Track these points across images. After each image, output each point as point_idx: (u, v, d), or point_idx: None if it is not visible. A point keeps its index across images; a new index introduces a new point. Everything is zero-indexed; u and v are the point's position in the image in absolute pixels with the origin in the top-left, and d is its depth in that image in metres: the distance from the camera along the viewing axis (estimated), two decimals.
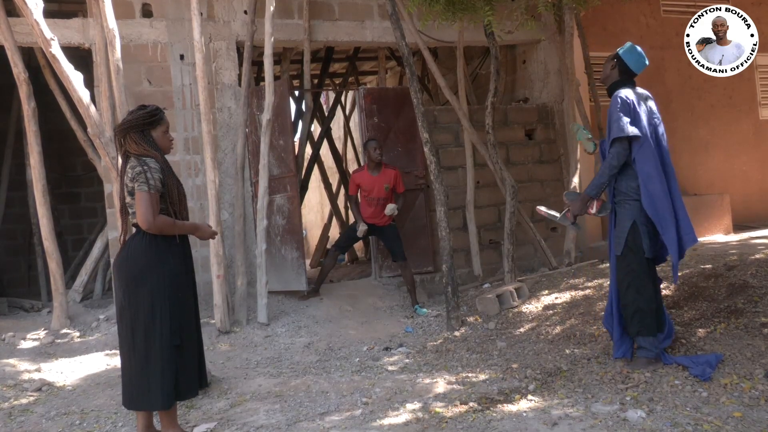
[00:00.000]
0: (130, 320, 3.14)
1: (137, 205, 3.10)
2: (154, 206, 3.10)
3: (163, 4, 6.23)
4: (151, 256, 3.14)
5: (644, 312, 3.65)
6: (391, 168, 6.25)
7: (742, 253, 5.87)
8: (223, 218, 6.13)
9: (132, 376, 3.17)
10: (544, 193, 7.65)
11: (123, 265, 3.20)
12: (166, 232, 3.17)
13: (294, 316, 5.94)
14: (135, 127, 3.22)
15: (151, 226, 3.09)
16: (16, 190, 7.95)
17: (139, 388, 3.14)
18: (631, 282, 3.67)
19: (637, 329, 3.67)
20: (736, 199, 8.56)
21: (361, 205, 6.27)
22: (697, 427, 2.84)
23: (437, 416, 3.27)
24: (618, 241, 3.71)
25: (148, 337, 3.11)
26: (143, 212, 3.08)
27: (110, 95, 5.80)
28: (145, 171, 3.11)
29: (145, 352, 3.11)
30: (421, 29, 6.41)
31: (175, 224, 3.21)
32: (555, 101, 7.77)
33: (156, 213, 3.11)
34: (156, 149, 3.24)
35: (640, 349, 3.69)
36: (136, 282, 3.13)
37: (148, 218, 3.08)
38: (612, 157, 3.67)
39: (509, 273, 6.33)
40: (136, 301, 3.13)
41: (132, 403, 3.21)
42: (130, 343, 3.15)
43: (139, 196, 3.09)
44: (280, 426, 3.36)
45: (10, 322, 5.98)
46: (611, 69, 3.84)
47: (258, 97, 6.37)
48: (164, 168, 3.21)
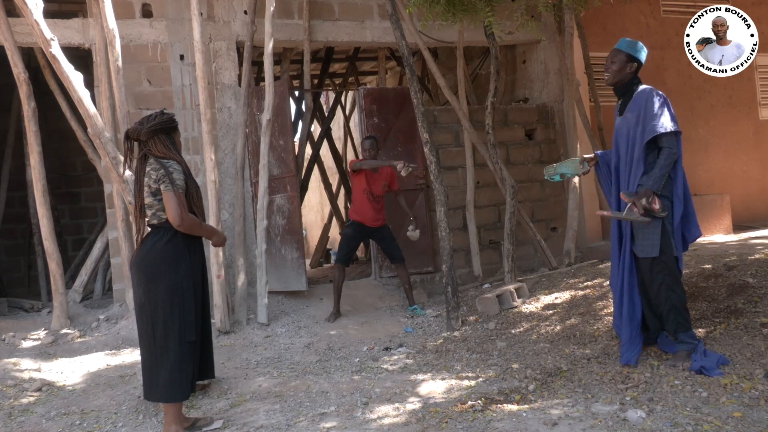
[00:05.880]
0: (149, 316, 3.29)
1: (167, 204, 3.23)
2: (183, 204, 3.26)
3: (163, 4, 6.23)
4: (170, 254, 3.29)
5: (678, 309, 3.66)
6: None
7: (742, 253, 5.87)
8: (223, 218, 6.13)
9: (151, 369, 3.32)
10: (544, 193, 7.66)
11: (142, 263, 3.33)
12: (194, 231, 3.34)
13: (294, 316, 5.94)
14: (164, 129, 3.39)
15: (182, 223, 3.24)
16: (16, 190, 7.95)
17: (159, 381, 3.28)
18: (662, 281, 3.65)
19: (675, 327, 3.68)
20: (736, 199, 8.56)
21: (356, 202, 6.09)
22: (697, 427, 2.84)
23: (437, 416, 3.27)
24: (650, 243, 3.63)
25: (167, 332, 3.26)
26: (174, 210, 3.21)
27: (110, 95, 5.81)
28: (170, 173, 3.26)
29: (164, 347, 3.27)
30: (421, 29, 6.41)
31: (201, 225, 3.40)
32: (555, 101, 7.77)
33: (186, 211, 3.26)
34: (179, 152, 3.42)
35: (681, 344, 3.70)
36: (156, 279, 3.27)
37: (180, 215, 3.22)
38: (671, 152, 3.58)
39: (509, 273, 6.33)
40: (155, 297, 3.27)
41: (152, 396, 3.35)
42: (150, 338, 3.30)
43: (168, 195, 3.22)
44: (280, 426, 3.36)
45: (10, 322, 5.98)
46: (630, 71, 3.77)
47: (258, 97, 6.37)
48: (186, 171, 3.38)
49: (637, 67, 3.79)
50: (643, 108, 3.68)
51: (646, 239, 3.65)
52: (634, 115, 3.71)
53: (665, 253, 3.64)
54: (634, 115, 3.72)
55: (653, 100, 3.67)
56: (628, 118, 3.76)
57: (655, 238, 3.63)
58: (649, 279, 3.70)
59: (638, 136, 3.68)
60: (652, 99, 3.67)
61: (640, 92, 3.75)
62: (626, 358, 3.73)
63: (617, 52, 3.79)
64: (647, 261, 3.67)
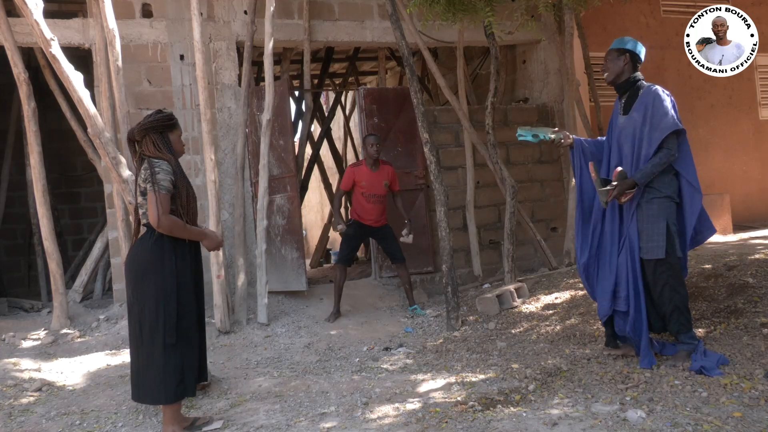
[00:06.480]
0: (137, 316, 3.28)
1: (148, 204, 3.22)
2: (164, 206, 3.20)
3: (163, 4, 6.23)
4: (155, 255, 3.25)
5: (682, 310, 3.65)
6: (388, 164, 6.23)
7: (742, 253, 5.87)
8: (223, 218, 6.13)
9: (138, 369, 3.31)
10: (544, 193, 7.66)
11: (130, 263, 3.33)
12: (176, 233, 3.26)
13: (294, 316, 5.94)
14: (156, 129, 3.34)
15: (159, 225, 3.19)
16: (16, 190, 7.95)
17: (145, 382, 3.28)
18: (666, 282, 3.64)
19: (678, 327, 3.68)
20: (736, 199, 8.57)
21: (357, 203, 6.13)
22: (697, 427, 2.84)
23: (437, 416, 3.27)
24: (655, 244, 3.62)
25: (153, 333, 3.23)
26: (152, 211, 3.19)
27: (110, 95, 5.81)
28: (156, 173, 3.21)
29: (151, 348, 3.24)
30: (421, 29, 6.41)
31: (185, 227, 3.31)
32: (555, 101, 7.77)
33: (165, 212, 3.20)
34: (171, 152, 3.35)
35: (682, 344, 3.69)
36: (141, 280, 3.26)
37: (157, 217, 3.17)
38: (670, 152, 3.58)
39: (509, 273, 6.33)
40: (141, 298, 3.26)
41: (138, 397, 3.35)
42: (138, 338, 3.30)
43: (150, 196, 3.20)
44: (280, 426, 3.36)
45: (10, 322, 5.98)
46: (625, 64, 3.78)
47: (258, 97, 6.37)
48: (176, 171, 3.32)
49: (630, 59, 3.78)
50: (651, 107, 3.66)
51: (651, 241, 3.64)
52: (641, 114, 3.69)
53: (670, 254, 3.63)
54: (640, 115, 3.69)
55: (659, 98, 3.66)
56: (634, 117, 3.73)
57: (661, 239, 3.61)
58: (653, 280, 3.68)
59: (645, 136, 3.66)
60: (660, 98, 3.66)
61: (647, 91, 3.73)
62: (648, 361, 3.69)
63: (609, 52, 3.85)
64: (651, 262, 3.66)
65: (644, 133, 3.67)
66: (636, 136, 3.71)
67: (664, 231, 3.62)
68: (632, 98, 3.79)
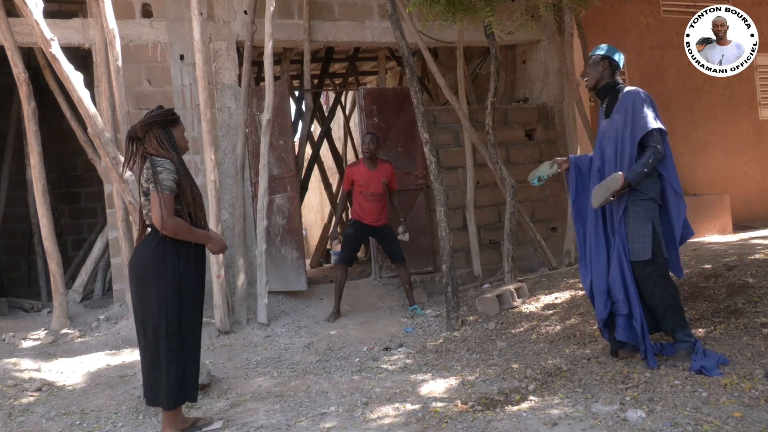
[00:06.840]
0: (141, 319, 3.23)
1: (152, 205, 3.12)
2: (168, 207, 3.11)
3: (163, 4, 6.23)
4: (158, 257, 3.16)
5: (674, 308, 3.67)
6: (387, 162, 6.23)
7: (742, 253, 5.87)
8: (223, 218, 6.13)
9: (144, 372, 3.28)
10: (544, 194, 7.65)
11: (133, 265, 3.26)
12: (180, 236, 3.17)
13: (294, 316, 5.94)
14: (158, 123, 3.25)
15: (164, 227, 3.10)
16: (16, 190, 7.95)
17: (150, 385, 3.24)
18: (656, 282, 3.67)
19: (672, 326, 3.69)
20: (736, 199, 8.57)
21: (357, 202, 6.13)
22: (697, 427, 2.84)
23: (437, 416, 3.27)
24: (642, 246, 3.65)
25: (156, 336, 3.18)
26: (155, 213, 3.10)
27: (110, 95, 5.81)
28: (158, 172, 3.12)
29: (155, 351, 3.20)
30: (421, 29, 6.40)
31: (191, 230, 3.21)
32: (555, 101, 7.77)
33: (170, 214, 3.11)
34: (175, 149, 3.26)
35: (679, 343, 3.71)
36: (144, 282, 3.19)
37: (161, 219, 3.08)
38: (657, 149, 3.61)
39: (509, 273, 6.33)
40: (144, 301, 3.20)
41: (146, 399, 3.32)
42: (142, 341, 3.26)
43: (153, 197, 3.11)
44: (280, 426, 3.35)
45: (10, 322, 5.98)
46: (604, 69, 3.84)
47: (258, 97, 6.37)
48: (180, 169, 3.22)
49: (609, 65, 3.83)
50: (631, 108, 3.72)
51: (637, 242, 3.68)
52: (622, 116, 3.75)
53: (657, 255, 3.68)
54: (621, 117, 3.75)
55: (638, 99, 3.72)
56: (615, 120, 3.79)
57: (647, 240, 3.66)
58: (642, 281, 3.72)
59: (627, 136, 3.71)
60: (640, 98, 3.72)
61: (626, 93, 3.79)
62: (654, 361, 3.70)
63: (588, 58, 3.93)
64: (639, 264, 3.69)
65: (626, 134, 3.71)
66: (618, 137, 3.75)
67: (650, 232, 3.66)
68: (613, 102, 3.85)
